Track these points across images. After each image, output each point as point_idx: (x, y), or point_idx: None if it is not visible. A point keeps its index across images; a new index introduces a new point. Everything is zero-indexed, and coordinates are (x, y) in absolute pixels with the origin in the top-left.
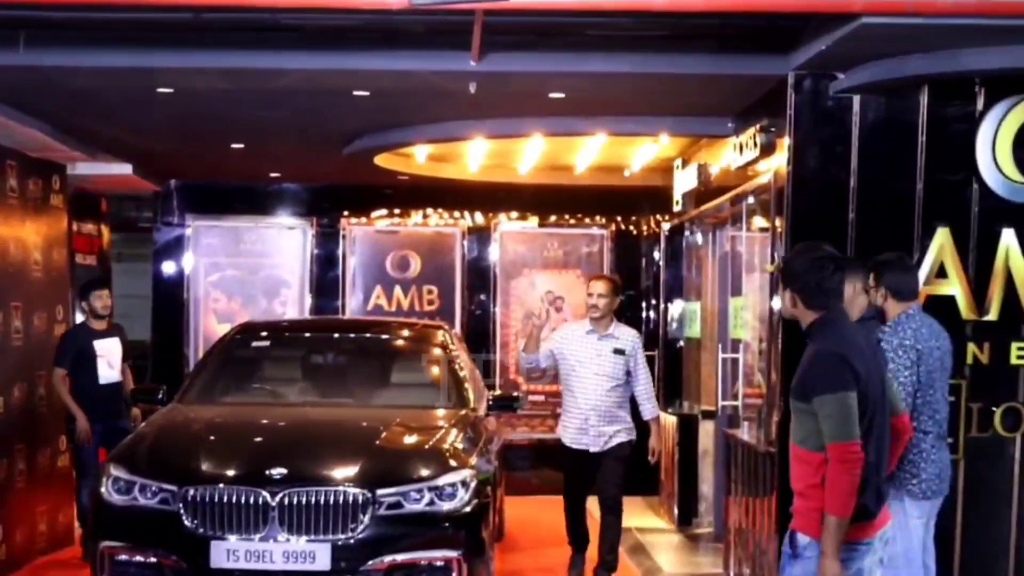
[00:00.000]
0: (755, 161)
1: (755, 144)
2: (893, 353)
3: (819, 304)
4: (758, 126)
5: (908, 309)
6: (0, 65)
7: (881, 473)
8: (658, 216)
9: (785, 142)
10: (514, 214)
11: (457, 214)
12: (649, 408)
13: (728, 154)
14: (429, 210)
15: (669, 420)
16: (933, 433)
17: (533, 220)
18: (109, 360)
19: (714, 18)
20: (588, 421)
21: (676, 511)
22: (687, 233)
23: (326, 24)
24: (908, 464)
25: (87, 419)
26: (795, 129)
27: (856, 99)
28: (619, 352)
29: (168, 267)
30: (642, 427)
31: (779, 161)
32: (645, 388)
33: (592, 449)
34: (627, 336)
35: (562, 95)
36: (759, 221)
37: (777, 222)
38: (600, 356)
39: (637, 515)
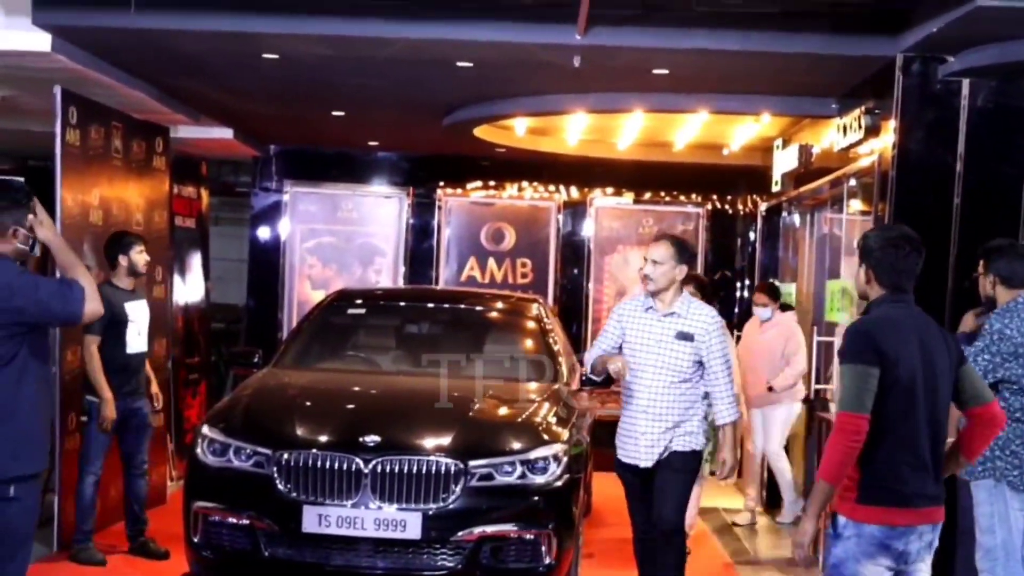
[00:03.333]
0: (859, 143)
1: (860, 126)
2: (989, 336)
3: (890, 282)
4: (863, 108)
5: (1018, 297)
6: (110, 27)
7: (923, 462)
8: (755, 196)
9: (891, 125)
10: (610, 190)
11: (553, 188)
12: (725, 410)
13: (831, 135)
14: (525, 183)
15: None
16: None
17: (628, 196)
18: (139, 327)
19: None
20: (637, 427)
21: (764, 494)
22: (784, 214)
23: None
24: (1010, 455)
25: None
26: (902, 112)
27: (966, 83)
28: (685, 337)
29: (264, 232)
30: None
31: (884, 144)
32: (722, 386)
33: (643, 464)
34: (699, 316)
35: (666, 71)
36: (859, 204)
37: (879, 206)
38: (661, 342)
39: (725, 497)
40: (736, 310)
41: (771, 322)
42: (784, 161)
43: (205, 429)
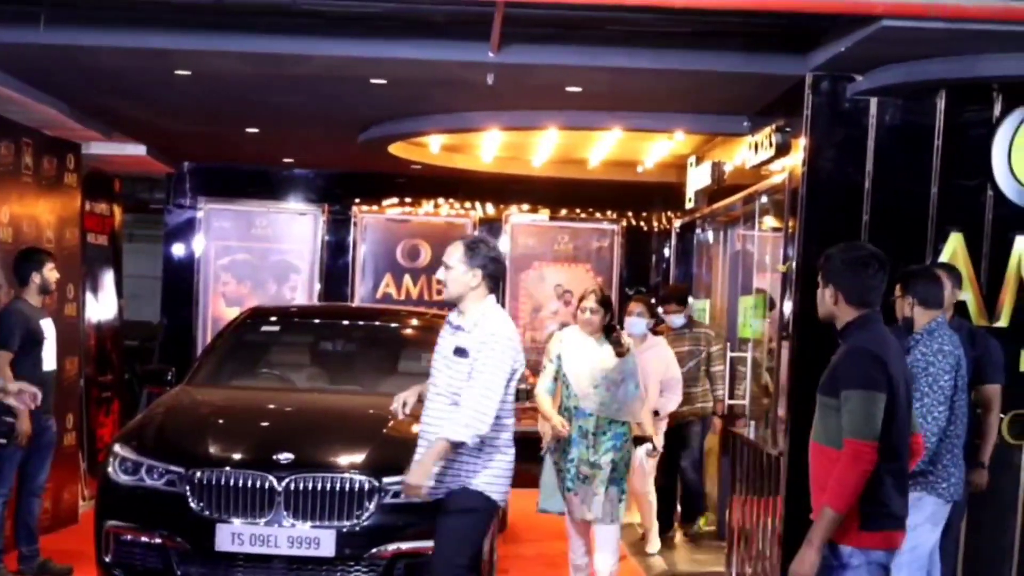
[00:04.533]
0: (770, 161)
1: (771, 144)
2: (933, 357)
3: (860, 302)
4: (774, 126)
5: (937, 318)
6: (20, 43)
7: (905, 483)
8: (670, 213)
9: (801, 142)
10: (525, 206)
11: (469, 205)
12: (449, 426)
13: (743, 153)
14: (441, 200)
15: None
16: (962, 438)
17: (544, 213)
18: (52, 345)
19: (736, 16)
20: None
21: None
22: (698, 231)
23: (346, 11)
24: (941, 468)
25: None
26: (811, 130)
27: (873, 101)
28: (460, 353)
29: (179, 249)
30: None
31: (794, 161)
32: (465, 397)
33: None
34: (481, 329)
35: (579, 89)
36: (771, 221)
37: (790, 222)
38: (444, 358)
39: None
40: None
41: (647, 343)
42: (698, 178)
43: (117, 447)
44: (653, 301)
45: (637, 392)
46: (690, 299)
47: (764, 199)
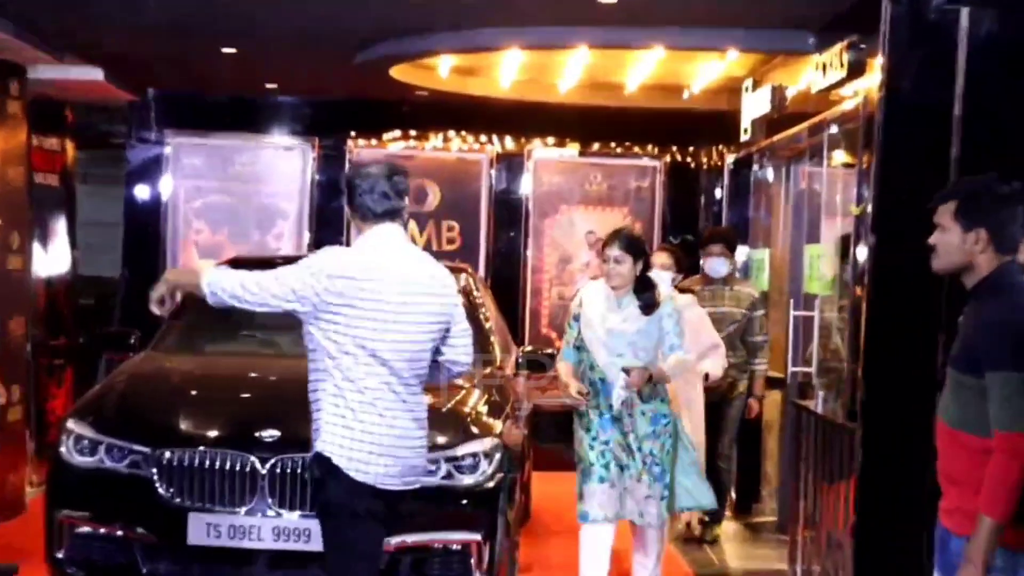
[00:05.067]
0: (841, 84)
1: (841, 63)
2: None
3: (1010, 247)
4: (846, 42)
5: None
6: None
7: None
8: (721, 147)
9: (877, 62)
10: (551, 140)
11: (484, 138)
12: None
13: (808, 75)
14: (451, 132)
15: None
16: None
17: (573, 147)
18: None
19: None
20: None
21: (734, 495)
22: (755, 168)
23: None
24: None
25: None
26: (890, 46)
27: (964, 12)
28: None
29: (143, 191)
30: None
31: (869, 84)
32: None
33: None
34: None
35: (615, 0)
36: (842, 155)
37: (865, 156)
38: None
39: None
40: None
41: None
42: (754, 106)
43: (71, 423)
44: (681, 251)
45: (683, 352)
46: (745, 249)
47: (834, 129)
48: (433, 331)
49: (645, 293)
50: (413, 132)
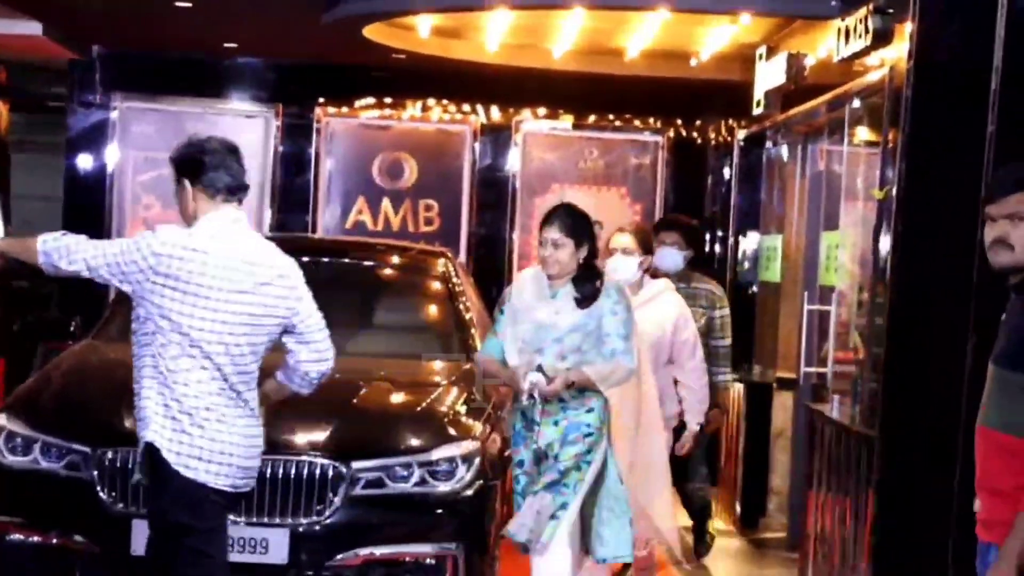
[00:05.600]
0: (865, 52)
1: (867, 29)
2: None
3: None
4: (871, 6)
5: None
6: None
7: None
8: (731, 121)
9: (907, 28)
10: (542, 111)
11: (468, 107)
12: None
13: (829, 42)
14: (431, 101)
15: (735, 388)
16: None
17: (567, 120)
18: None
19: None
20: None
21: (739, 508)
22: (769, 145)
23: None
24: None
25: None
26: (921, 11)
27: None
28: None
29: (85, 161)
30: None
31: (897, 53)
32: None
33: None
34: None
35: None
36: (865, 132)
37: (891, 134)
38: None
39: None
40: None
41: (645, 293)
42: (769, 76)
43: (2, 419)
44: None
45: (624, 358)
46: (756, 235)
47: (857, 103)
48: (266, 326)
49: (585, 284)
50: (388, 100)
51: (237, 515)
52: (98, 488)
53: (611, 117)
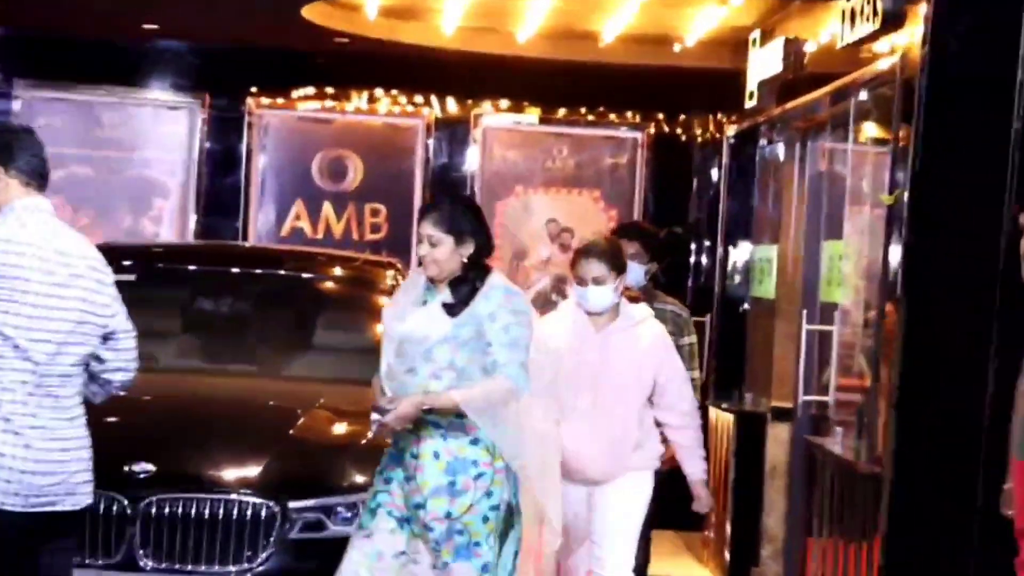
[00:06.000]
0: (874, 37)
1: (875, 12)
2: None
3: None
4: None
5: None
6: None
7: None
8: (720, 115)
9: (921, 10)
10: (505, 103)
11: (420, 99)
12: None
13: (832, 25)
14: (379, 91)
15: (723, 419)
16: None
17: (533, 113)
18: None
19: None
20: None
21: (728, 555)
22: (763, 142)
23: None
24: None
25: None
26: None
27: None
28: None
29: None
30: None
31: (910, 38)
32: None
33: None
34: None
35: None
36: (873, 128)
37: (901, 130)
38: None
39: (669, 559)
40: (690, 283)
41: (627, 318)
42: (763, 63)
43: None
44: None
45: (505, 372)
46: (747, 245)
47: (863, 95)
48: (87, 323)
49: (460, 286)
50: (330, 90)
51: (155, 560)
52: None
53: (583, 111)
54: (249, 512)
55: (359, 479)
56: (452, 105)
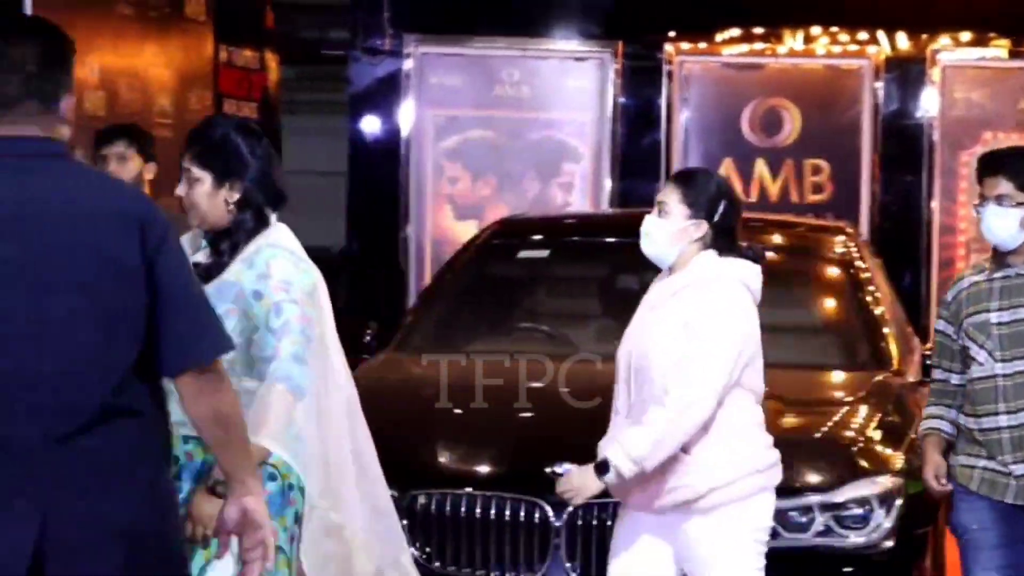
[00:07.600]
0: None
1: None
2: None
3: None
4: None
5: None
6: None
7: None
8: None
9: None
10: (966, 36)
11: (865, 35)
12: None
13: None
14: (816, 29)
15: None
16: None
17: (1000, 46)
18: None
19: None
20: None
21: None
22: None
23: None
24: None
25: None
26: None
27: None
28: None
29: (371, 124)
30: None
31: None
32: None
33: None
34: None
35: None
36: None
37: None
38: None
39: None
40: None
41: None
42: None
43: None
44: None
45: (283, 371)
46: None
47: None
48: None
49: (223, 240)
50: (759, 31)
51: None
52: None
53: None
54: None
55: (812, 479)
56: (903, 41)
